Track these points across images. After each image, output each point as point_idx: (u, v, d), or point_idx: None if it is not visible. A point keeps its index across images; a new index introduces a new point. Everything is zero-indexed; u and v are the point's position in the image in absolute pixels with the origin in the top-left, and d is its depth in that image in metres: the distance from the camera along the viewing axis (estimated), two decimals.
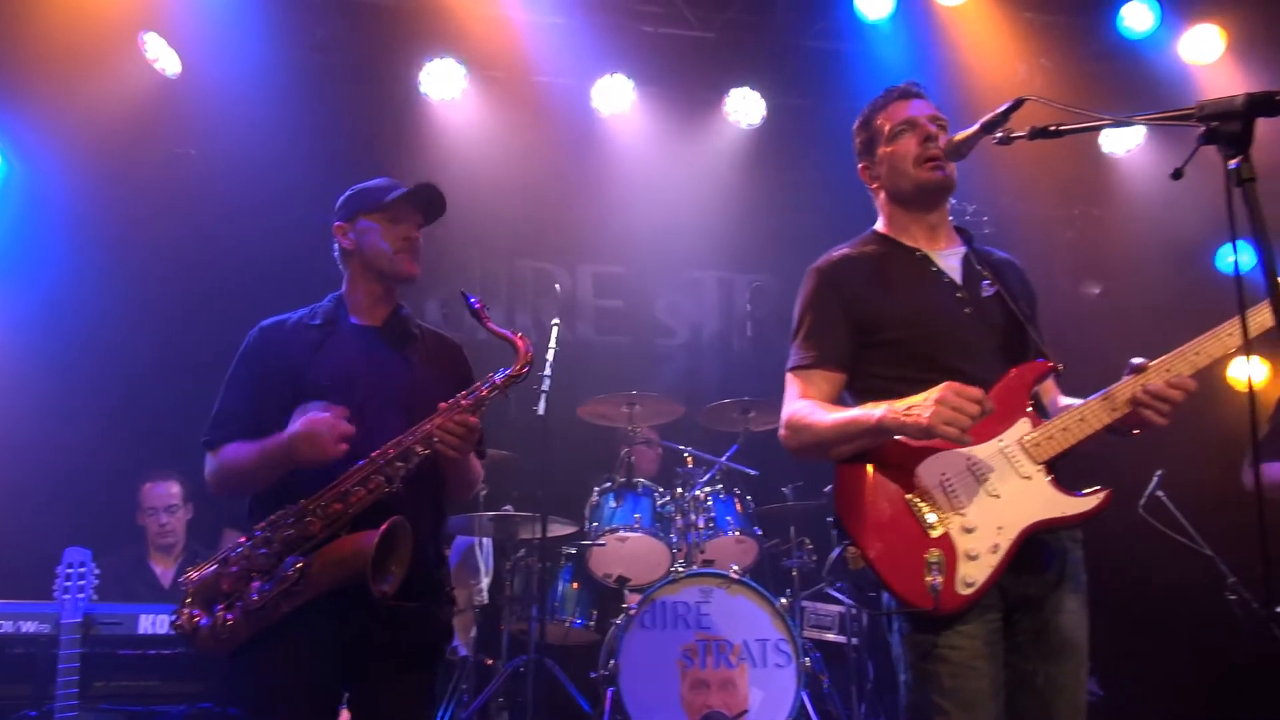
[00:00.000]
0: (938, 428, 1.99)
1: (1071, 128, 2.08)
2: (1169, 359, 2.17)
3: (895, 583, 2.12)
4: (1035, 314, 2.44)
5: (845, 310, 2.34)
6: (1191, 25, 5.69)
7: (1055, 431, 2.16)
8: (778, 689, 4.29)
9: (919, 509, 2.16)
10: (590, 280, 6.73)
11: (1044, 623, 2.18)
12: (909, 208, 2.43)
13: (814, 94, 6.12)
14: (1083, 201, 6.66)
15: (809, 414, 2.27)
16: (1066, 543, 2.24)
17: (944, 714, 2.09)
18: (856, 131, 2.53)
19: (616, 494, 4.98)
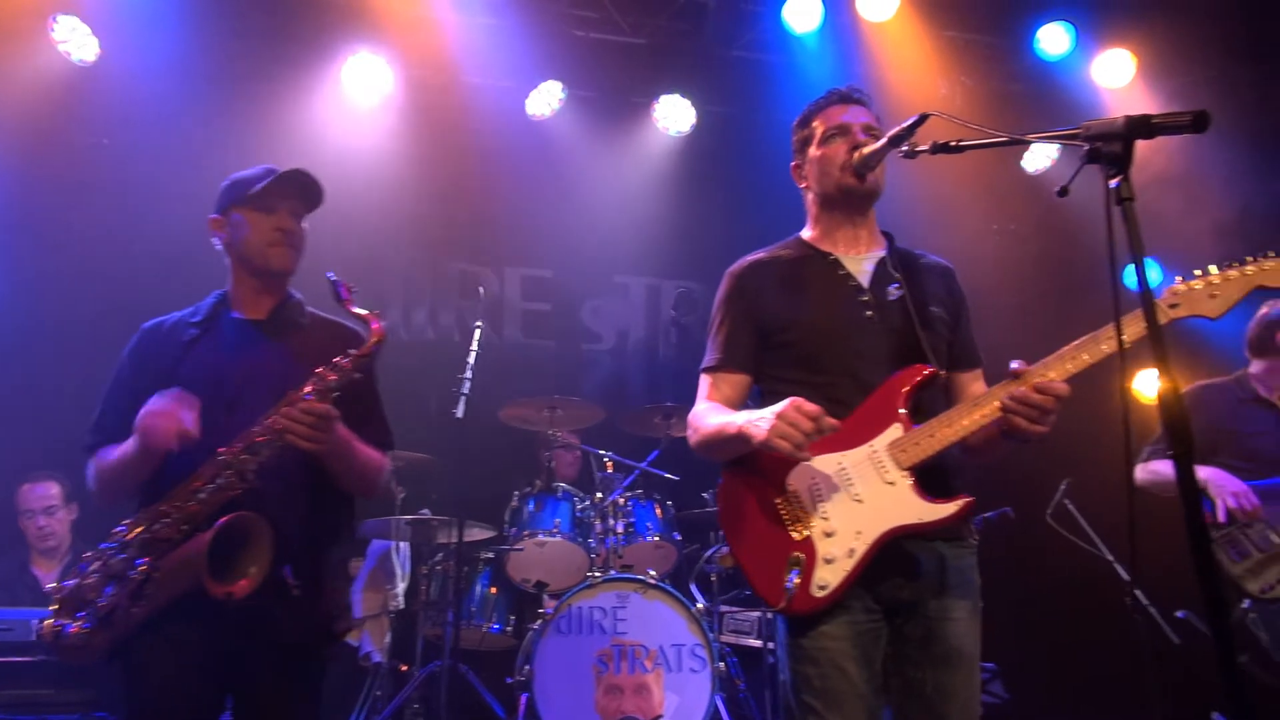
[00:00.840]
0: (772, 441, 2.05)
1: (971, 144, 2.14)
2: (1044, 364, 2.16)
3: (757, 582, 2.20)
4: (958, 319, 2.46)
5: (751, 313, 2.40)
6: (1104, 49, 5.89)
7: (922, 437, 2.18)
8: (692, 694, 4.29)
9: (786, 513, 2.21)
10: (518, 283, 6.71)
11: (930, 630, 2.20)
12: (833, 210, 2.47)
13: (743, 103, 6.19)
14: (1003, 218, 6.84)
15: (702, 417, 2.35)
16: (943, 549, 2.24)
17: (814, 713, 2.14)
18: (794, 129, 2.55)
19: (536, 498, 4.95)
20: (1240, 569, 3.48)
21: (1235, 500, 3.44)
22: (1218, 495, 3.49)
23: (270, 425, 2.35)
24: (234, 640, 2.37)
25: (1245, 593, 3.47)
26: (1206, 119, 1.64)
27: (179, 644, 2.32)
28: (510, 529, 4.96)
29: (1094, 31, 5.84)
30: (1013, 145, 2.02)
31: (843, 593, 2.13)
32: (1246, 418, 3.67)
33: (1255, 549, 3.48)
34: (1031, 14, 5.83)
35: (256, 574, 2.30)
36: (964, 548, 2.30)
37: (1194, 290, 2.13)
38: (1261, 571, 3.47)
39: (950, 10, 5.81)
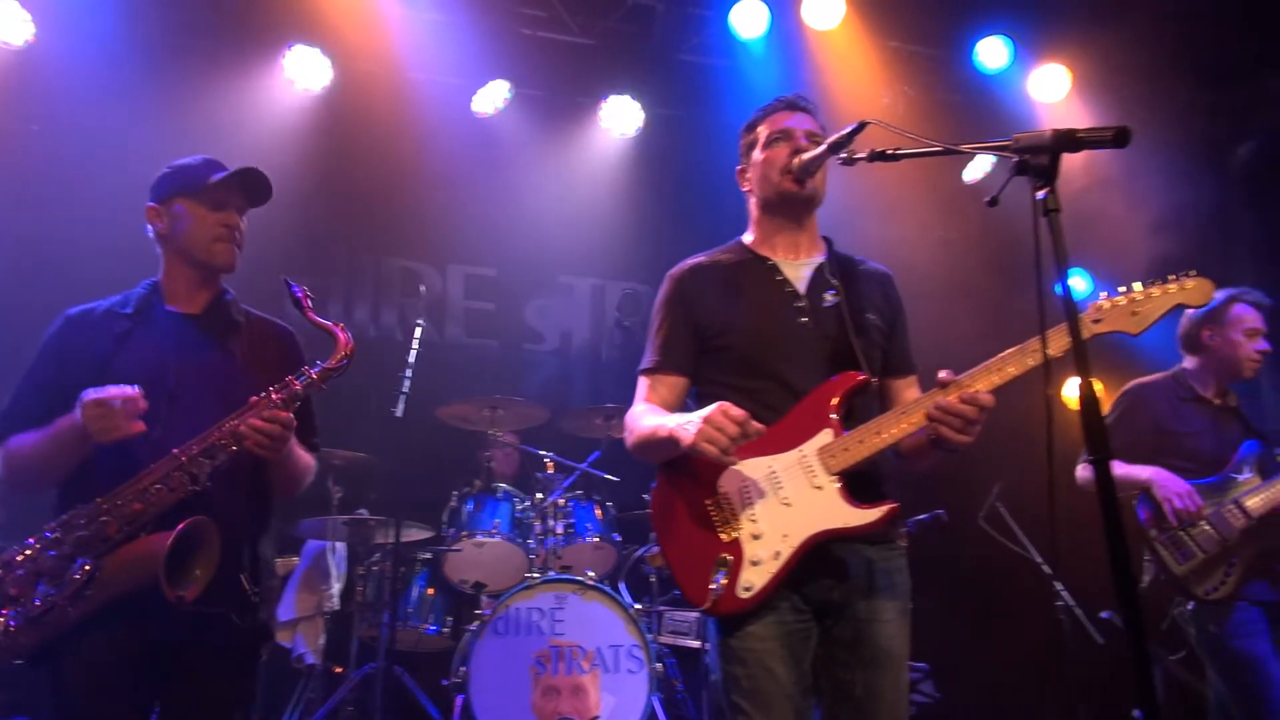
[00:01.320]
0: (699, 445, 2.08)
1: (907, 152, 2.18)
2: (971, 375, 2.19)
3: (684, 582, 2.23)
4: (894, 326, 2.48)
5: (689, 317, 2.43)
6: (1041, 64, 6.03)
7: (851, 444, 2.20)
8: (629, 694, 4.30)
9: (716, 514, 2.24)
10: (461, 281, 6.65)
11: (859, 631, 2.22)
12: (774, 215, 2.49)
13: (689, 106, 6.22)
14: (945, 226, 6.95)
15: (637, 418, 2.37)
16: (870, 553, 2.26)
17: (743, 712, 2.16)
18: (741, 134, 2.58)
19: (475, 499, 4.92)
20: (1185, 570, 3.42)
21: (1180, 502, 3.40)
22: (1162, 497, 3.44)
23: (233, 430, 2.32)
24: (178, 643, 2.33)
25: (1191, 595, 3.41)
26: (1128, 135, 1.69)
27: (114, 646, 2.27)
28: (449, 529, 4.92)
29: (1031, 46, 5.98)
30: (947, 155, 2.06)
31: (768, 595, 2.15)
32: (1185, 417, 3.64)
33: (1200, 550, 3.41)
34: (971, 27, 5.95)
35: (203, 577, 2.27)
36: (892, 550, 2.33)
37: (1117, 306, 2.18)
38: (1206, 573, 3.40)
39: (893, 21, 5.90)
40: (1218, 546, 3.39)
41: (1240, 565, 3.37)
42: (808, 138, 2.44)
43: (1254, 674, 3.33)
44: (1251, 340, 3.60)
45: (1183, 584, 3.41)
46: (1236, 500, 3.40)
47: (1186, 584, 3.41)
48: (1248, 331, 3.60)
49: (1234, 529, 3.38)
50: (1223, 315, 3.63)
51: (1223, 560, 3.39)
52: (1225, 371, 3.65)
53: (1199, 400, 3.65)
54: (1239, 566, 3.37)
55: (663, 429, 2.24)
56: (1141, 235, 6.21)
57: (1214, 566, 3.39)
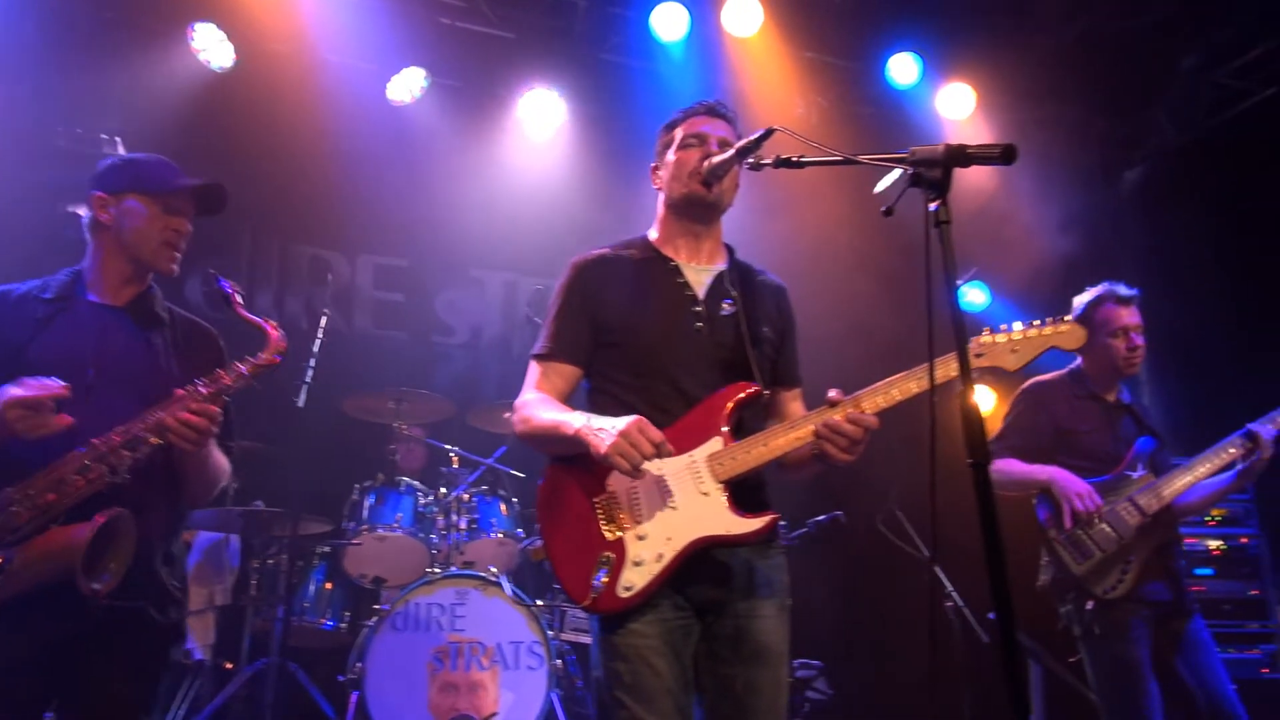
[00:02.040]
0: (612, 457, 2.10)
1: (811, 161, 2.23)
2: (858, 396, 2.26)
3: (565, 578, 2.24)
4: (784, 339, 2.54)
5: (588, 308, 2.43)
6: (948, 82, 6.23)
7: (740, 453, 2.25)
8: (528, 691, 4.29)
9: (603, 513, 2.25)
10: (371, 271, 6.53)
11: (740, 629, 2.27)
12: (679, 216, 2.51)
13: (607, 105, 6.22)
14: (857, 236, 7.10)
15: (532, 408, 2.35)
16: (750, 555, 2.31)
17: (625, 708, 2.17)
18: (660, 133, 2.60)
19: (377, 492, 4.84)
20: (1084, 570, 3.38)
21: (1080, 503, 3.38)
22: (1062, 497, 3.41)
23: (159, 422, 2.28)
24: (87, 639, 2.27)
25: (1090, 594, 3.38)
26: (1014, 153, 1.77)
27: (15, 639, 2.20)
28: (349, 523, 4.83)
29: (939, 65, 6.17)
30: (847, 165, 2.12)
31: (648, 595, 2.18)
32: (1082, 414, 3.63)
33: (1098, 549, 3.38)
34: (884, 42, 6.10)
35: (117, 571, 2.22)
36: (772, 550, 2.38)
37: (998, 343, 2.30)
38: (1104, 571, 3.38)
39: (809, 31, 6.01)
40: (1115, 545, 3.37)
41: (1137, 563, 3.37)
42: (720, 144, 2.47)
43: (1128, 680, 3.32)
44: (1123, 340, 3.60)
45: (1081, 583, 3.39)
46: (1131, 498, 3.41)
47: (1085, 583, 3.38)
48: (1116, 332, 3.61)
49: (1130, 527, 3.37)
50: (1091, 320, 3.64)
51: (1120, 559, 3.38)
52: (1107, 371, 3.66)
53: (1094, 398, 3.66)
54: (1135, 564, 3.37)
55: (568, 427, 2.22)
56: (1038, 252, 6.48)
57: (1112, 565, 3.38)
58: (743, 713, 2.23)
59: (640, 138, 2.77)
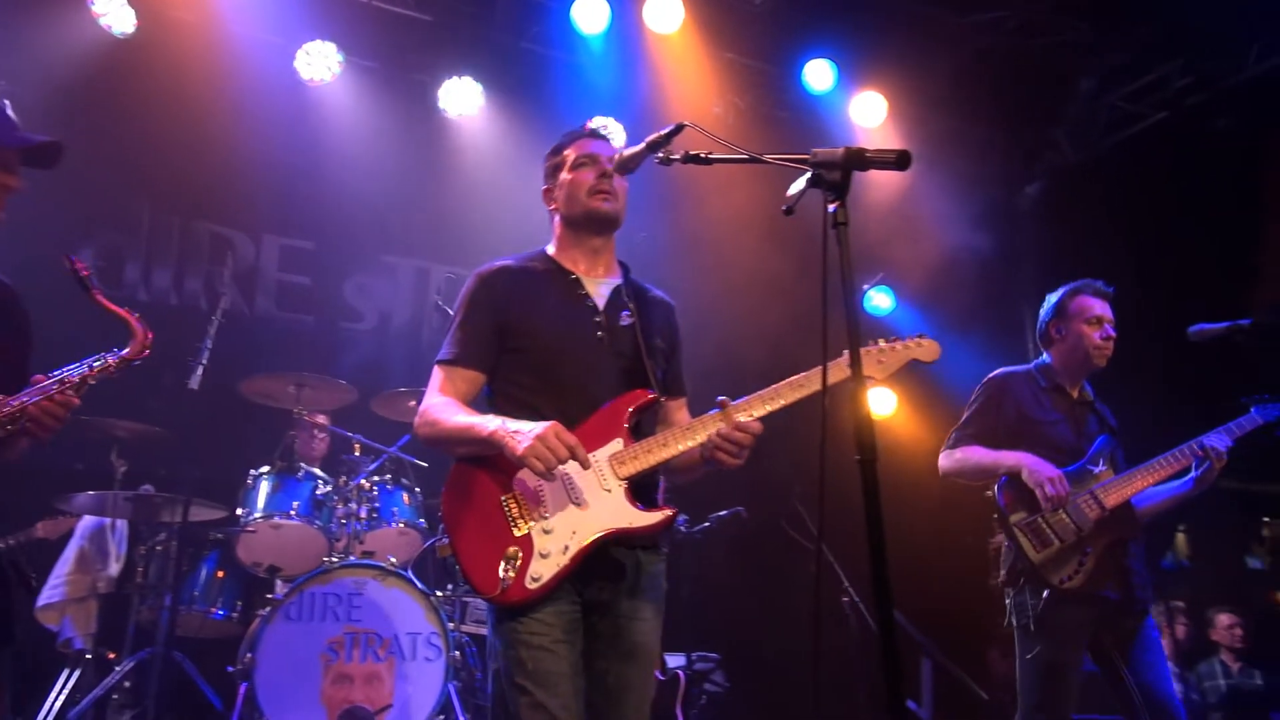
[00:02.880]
0: (528, 459, 2.20)
1: (718, 158, 2.28)
2: (748, 401, 2.40)
3: (472, 572, 2.33)
4: (674, 351, 2.68)
5: (494, 315, 2.51)
6: (862, 90, 6.37)
7: (640, 453, 2.38)
8: (425, 682, 4.25)
9: (510, 509, 2.35)
10: (276, 252, 6.35)
11: (619, 627, 2.40)
12: (578, 233, 2.62)
13: (526, 95, 6.17)
14: (770, 237, 7.20)
15: (441, 412, 2.43)
16: (641, 557, 2.44)
17: (527, 694, 2.25)
18: (547, 157, 2.71)
19: (274, 478, 4.71)
20: (1042, 558, 3.36)
21: (1053, 487, 3.35)
22: (1035, 481, 3.37)
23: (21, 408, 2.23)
24: None
25: (1046, 583, 3.36)
26: (908, 159, 1.83)
27: None
28: (243, 510, 4.69)
29: (854, 72, 6.30)
30: (753, 163, 2.15)
31: (553, 587, 2.29)
32: (1046, 406, 3.62)
33: (1057, 538, 3.37)
34: (801, 47, 6.21)
35: None
36: (657, 555, 2.51)
37: (868, 354, 2.50)
38: (1062, 561, 3.37)
39: (730, 32, 6.08)
40: (1074, 536, 3.37)
41: (1093, 557, 3.38)
42: (611, 163, 2.58)
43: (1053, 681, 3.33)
44: (1096, 329, 3.60)
45: (1039, 572, 3.37)
46: (1092, 492, 3.42)
47: (1043, 572, 3.36)
48: (1091, 320, 3.61)
49: (1089, 519, 3.37)
50: (1066, 309, 3.66)
51: (1077, 550, 3.38)
52: (1078, 363, 3.65)
53: (1059, 390, 3.66)
54: (1092, 558, 3.38)
55: (482, 429, 2.30)
56: (941, 259, 6.69)
57: (1069, 555, 3.37)
58: (613, 706, 2.36)
59: (559, 128, 2.81)
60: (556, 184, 2.64)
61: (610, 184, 2.56)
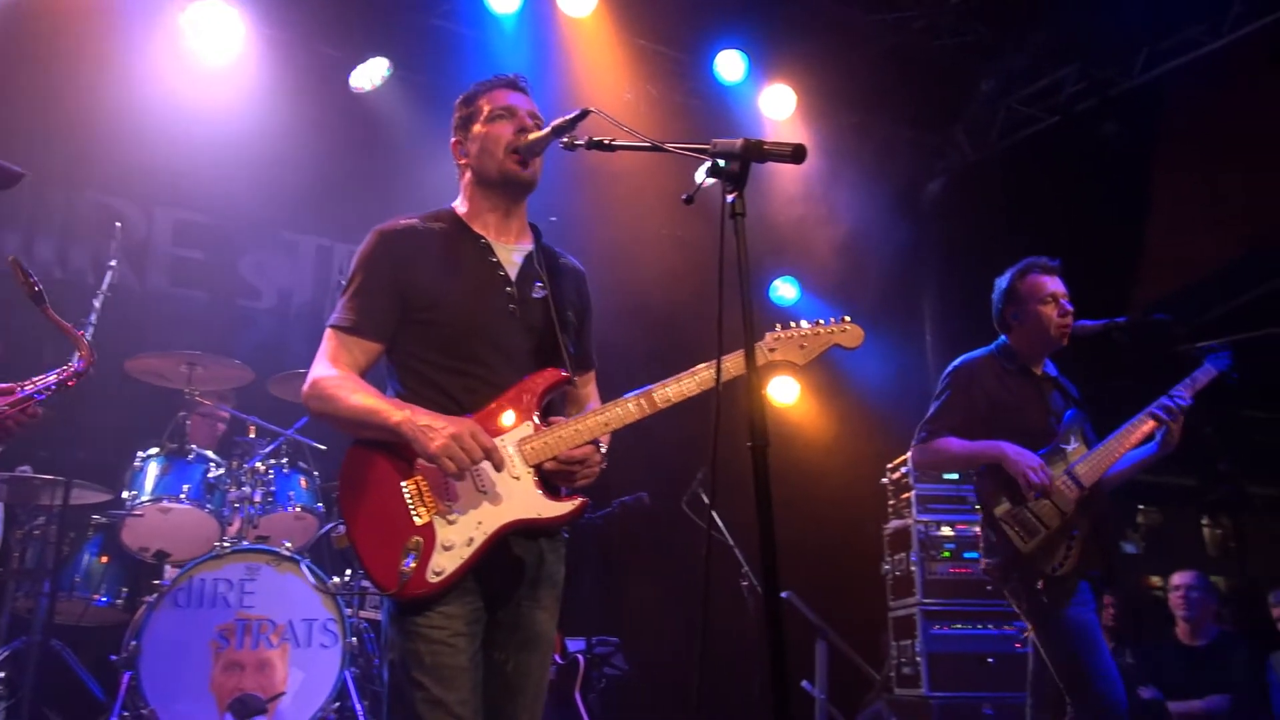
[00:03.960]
0: (440, 459, 2.10)
1: (622, 145, 2.26)
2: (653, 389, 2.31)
3: (370, 564, 2.17)
4: (584, 325, 2.55)
5: (396, 281, 2.32)
6: (771, 83, 6.45)
7: (550, 437, 2.26)
8: (320, 669, 4.17)
9: (411, 498, 2.20)
10: (169, 226, 6.11)
11: (519, 617, 2.30)
12: (489, 193, 2.45)
13: (435, 72, 6.06)
14: (673, 224, 7.25)
15: (338, 388, 2.25)
16: (544, 545, 2.34)
17: (423, 689, 2.14)
18: (458, 106, 2.52)
19: (164, 460, 4.55)
20: (1032, 547, 3.31)
21: (1035, 475, 3.28)
22: (1015, 471, 3.31)
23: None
24: None
25: (1040, 572, 3.30)
26: (803, 153, 1.86)
27: None
28: (130, 493, 4.52)
29: (764, 64, 6.38)
30: (655, 151, 2.16)
31: (457, 579, 2.17)
32: (1012, 389, 3.56)
33: (1043, 525, 3.31)
34: (713, 37, 6.25)
35: None
36: (559, 543, 2.41)
37: (790, 338, 2.44)
38: (1051, 548, 3.31)
39: (643, 19, 6.07)
40: (1059, 520, 3.31)
41: (1080, 538, 3.34)
42: (530, 118, 2.44)
43: (1083, 642, 3.26)
44: (1054, 307, 3.54)
45: (1030, 562, 3.31)
46: (1069, 470, 3.38)
47: (1034, 561, 3.30)
48: (1046, 299, 3.55)
49: (1070, 500, 3.34)
50: (1018, 291, 3.60)
51: (1064, 534, 3.33)
52: (1039, 343, 3.59)
53: (1023, 372, 3.60)
54: (1079, 540, 3.33)
55: (387, 417, 2.16)
56: (846, 252, 6.84)
57: (1058, 541, 3.32)
58: (510, 694, 2.28)
59: None
60: (469, 137, 2.44)
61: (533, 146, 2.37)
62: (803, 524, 6.37)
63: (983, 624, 5.22)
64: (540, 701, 2.34)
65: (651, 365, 2.45)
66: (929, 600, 5.23)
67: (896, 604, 5.56)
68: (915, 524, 5.32)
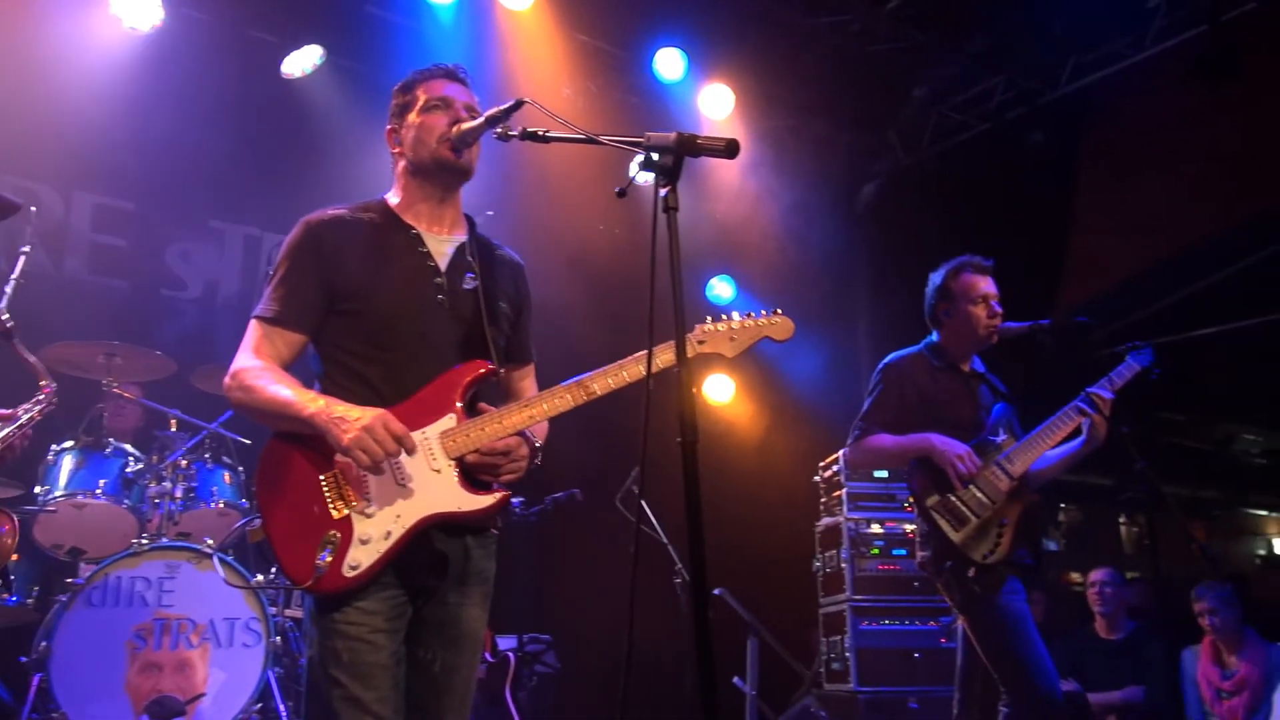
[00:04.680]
0: (353, 451, 2.07)
1: (556, 136, 2.25)
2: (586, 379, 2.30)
3: (285, 558, 2.14)
4: (520, 318, 2.53)
5: (323, 272, 2.29)
6: (710, 82, 6.47)
7: (473, 430, 2.23)
8: (242, 670, 4.07)
9: (329, 491, 2.17)
10: (89, 211, 5.89)
11: (447, 615, 2.28)
12: (422, 182, 2.42)
13: (369, 61, 5.95)
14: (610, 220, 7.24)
15: (258, 378, 2.22)
16: (470, 541, 2.31)
17: (341, 686, 2.11)
18: (395, 94, 2.49)
19: (79, 454, 4.40)
20: (962, 536, 3.38)
21: (963, 465, 3.38)
22: (944, 462, 3.41)
23: None
24: None
25: (970, 561, 3.37)
26: (736, 148, 1.87)
27: None
28: (42, 487, 4.35)
29: (703, 63, 6.40)
30: (589, 144, 2.15)
31: (373, 574, 2.14)
32: (942, 385, 3.65)
33: (972, 514, 3.39)
34: (653, 34, 6.25)
35: None
36: (488, 539, 2.38)
37: (719, 331, 2.44)
38: (981, 537, 3.39)
39: (584, 13, 6.04)
40: (988, 510, 3.40)
41: (1010, 527, 3.41)
42: (467, 110, 2.41)
43: (1016, 632, 3.33)
44: (984, 307, 3.64)
45: (961, 551, 3.38)
46: (998, 462, 3.45)
47: (965, 550, 3.38)
48: (976, 299, 3.65)
49: (1000, 491, 3.41)
50: (951, 289, 3.69)
51: (994, 523, 3.41)
52: (968, 340, 3.68)
53: (952, 368, 3.69)
54: (1009, 528, 3.41)
55: (302, 409, 2.13)
56: (783, 251, 6.91)
57: (987, 530, 3.40)
58: (437, 693, 2.25)
59: None
60: (403, 125, 2.42)
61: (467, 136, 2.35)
62: (736, 521, 6.43)
63: (910, 620, 5.31)
64: (468, 701, 2.31)
65: (589, 360, 2.43)
66: (859, 596, 5.30)
67: (827, 600, 5.63)
68: (846, 521, 5.39)
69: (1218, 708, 4.98)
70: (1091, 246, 6.74)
